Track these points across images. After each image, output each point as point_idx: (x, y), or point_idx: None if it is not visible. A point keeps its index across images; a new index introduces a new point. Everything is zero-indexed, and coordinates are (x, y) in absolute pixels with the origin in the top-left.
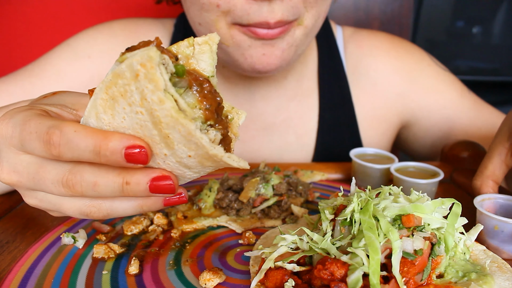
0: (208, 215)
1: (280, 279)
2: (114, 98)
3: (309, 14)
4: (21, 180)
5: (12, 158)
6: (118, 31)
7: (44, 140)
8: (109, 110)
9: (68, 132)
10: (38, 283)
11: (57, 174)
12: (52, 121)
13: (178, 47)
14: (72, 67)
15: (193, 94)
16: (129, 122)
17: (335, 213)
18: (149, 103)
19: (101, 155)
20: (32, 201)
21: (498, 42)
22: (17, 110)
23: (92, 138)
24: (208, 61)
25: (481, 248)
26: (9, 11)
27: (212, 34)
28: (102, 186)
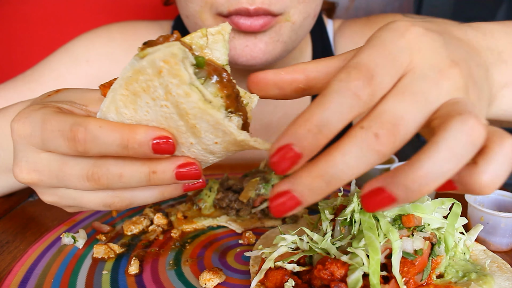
0: (208, 215)
1: (280, 279)
2: (136, 93)
3: (297, 10)
4: (42, 179)
5: (31, 157)
6: (116, 34)
7: (68, 137)
8: (130, 105)
9: (93, 128)
10: (38, 283)
11: (81, 169)
12: (73, 118)
13: (191, 38)
14: (71, 72)
15: (213, 84)
16: (153, 115)
17: (335, 213)
18: (175, 97)
19: (129, 148)
20: (51, 198)
21: None
22: (32, 109)
23: (118, 132)
24: (222, 50)
25: (481, 248)
26: (9, 11)
27: (224, 24)
28: (128, 176)
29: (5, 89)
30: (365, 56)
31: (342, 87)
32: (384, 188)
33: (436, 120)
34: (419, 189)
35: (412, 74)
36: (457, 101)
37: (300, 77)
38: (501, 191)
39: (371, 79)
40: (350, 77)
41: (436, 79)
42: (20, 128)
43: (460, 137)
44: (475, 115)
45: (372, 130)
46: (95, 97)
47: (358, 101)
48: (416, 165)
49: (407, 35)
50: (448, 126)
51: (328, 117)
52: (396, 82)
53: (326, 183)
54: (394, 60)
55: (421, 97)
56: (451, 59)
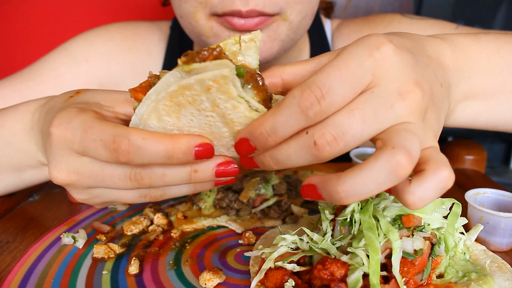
0: (208, 215)
1: (280, 279)
2: (181, 104)
3: (294, 10)
4: (81, 180)
5: (72, 161)
6: (115, 34)
7: (111, 148)
8: (174, 114)
9: (136, 140)
10: (38, 283)
11: (124, 171)
12: (115, 128)
13: (225, 45)
14: (70, 71)
15: (251, 89)
16: (197, 122)
17: (335, 213)
18: (222, 110)
19: (174, 158)
20: (85, 196)
21: None
22: (70, 114)
23: (163, 144)
24: (254, 55)
25: (481, 248)
26: (9, 11)
27: (256, 31)
28: (171, 176)
29: (2, 87)
30: (324, 76)
31: (293, 103)
32: (316, 187)
33: (378, 141)
34: (339, 198)
35: (370, 93)
36: (403, 128)
37: (278, 81)
38: (501, 191)
39: (321, 100)
40: (302, 96)
41: (392, 101)
42: (61, 132)
43: (384, 168)
44: (406, 151)
45: (313, 137)
46: (120, 98)
47: (305, 117)
48: (342, 180)
49: (376, 54)
50: (378, 156)
51: (277, 126)
52: (354, 98)
53: (273, 163)
54: (353, 81)
55: (370, 117)
56: (416, 81)
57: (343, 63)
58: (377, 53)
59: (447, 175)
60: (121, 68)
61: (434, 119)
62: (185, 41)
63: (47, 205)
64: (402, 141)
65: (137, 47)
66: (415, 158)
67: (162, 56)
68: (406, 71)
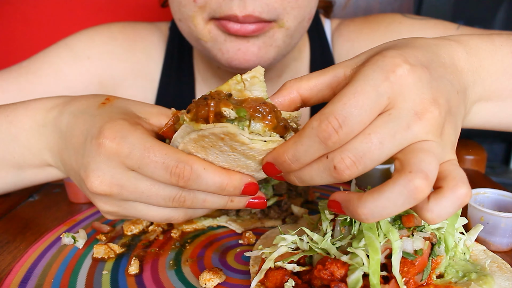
0: (208, 215)
1: (280, 279)
2: (204, 147)
3: (290, 16)
4: (121, 193)
5: (118, 174)
6: (117, 34)
7: (172, 172)
8: (202, 152)
9: (198, 169)
10: (38, 283)
11: (170, 191)
12: (177, 154)
13: (229, 86)
14: (71, 67)
15: (258, 122)
16: (223, 159)
17: (335, 213)
18: (240, 151)
19: (225, 190)
20: (112, 208)
21: None
22: (124, 128)
23: (220, 177)
24: (260, 89)
25: (481, 248)
26: (9, 11)
27: (256, 68)
28: (210, 202)
29: (1, 78)
30: (340, 105)
31: (312, 134)
32: (340, 204)
33: (397, 161)
34: (360, 218)
35: (387, 116)
36: (420, 148)
37: (296, 97)
38: (501, 191)
39: (339, 129)
40: (320, 127)
41: (408, 122)
42: (116, 147)
43: (402, 193)
44: (423, 174)
45: (333, 162)
46: (154, 111)
47: (325, 146)
48: (362, 203)
49: (392, 78)
50: (397, 181)
51: (298, 155)
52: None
53: (299, 182)
54: (370, 107)
55: (388, 139)
56: (432, 99)
57: (359, 89)
58: (393, 76)
59: (464, 193)
60: (122, 68)
61: (452, 130)
62: (184, 43)
63: (47, 205)
64: (419, 163)
65: (138, 48)
66: (432, 180)
67: (162, 58)
68: (422, 89)
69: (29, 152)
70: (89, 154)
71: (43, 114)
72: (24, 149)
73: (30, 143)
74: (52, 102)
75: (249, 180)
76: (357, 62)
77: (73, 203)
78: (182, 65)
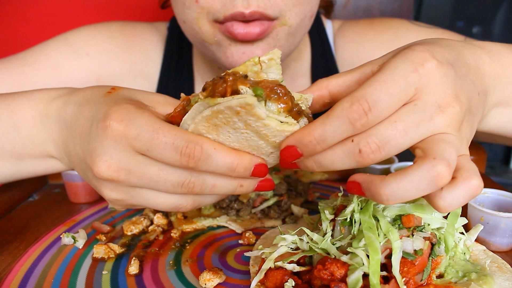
0: (208, 215)
1: (280, 279)
2: (217, 125)
3: (292, 13)
4: (129, 178)
5: (126, 158)
6: (116, 33)
7: (183, 152)
8: (213, 132)
9: (208, 149)
10: (38, 283)
11: (180, 176)
12: (187, 134)
13: (245, 67)
14: (70, 63)
15: (273, 102)
16: (235, 138)
17: (335, 213)
18: (254, 127)
19: (236, 171)
20: (119, 196)
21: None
22: (131, 111)
23: (230, 157)
24: (276, 71)
25: (481, 248)
26: (9, 11)
27: (274, 50)
28: (220, 188)
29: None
30: (371, 90)
31: (343, 115)
32: (360, 185)
33: (418, 149)
34: (380, 200)
35: (413, 106)
36: (441, 139)
37: (325, 93)
38: (501, 191)
39: (368, 112)
40: (351, 108)
41: (432, 114)
42: (123, 129)
43: (425, 177)
44: (446, 162)
45: (359, 146)
46: (160, 100)
47: (353, 128)
48: (385, 184)
49: (420, 70)
50: (421, 165)
51: (326, 134)
52: (397, 110)
53: (317, 166)
54: (398, 95)
55: (412, 128)
56: (455, 95)
57: (390, 77)
58: (422, 69)
59: (476, 184)
60: (121, 67)
61: (468, 128)
62: (184, 43)
63: (47, 205)
64: (442, 152)
65: (137, 47)
66: (453, 168)
67: (161, 58)
68: (446, 85)
69: (30, 143)
70: (96, 138)
71: (46, 104)
72: (26, 139)
73: (32, 133)
74: (56, 92)
75: (259, 161)
76: (383, 60)
77: (73, 203)
78: (182, 66)
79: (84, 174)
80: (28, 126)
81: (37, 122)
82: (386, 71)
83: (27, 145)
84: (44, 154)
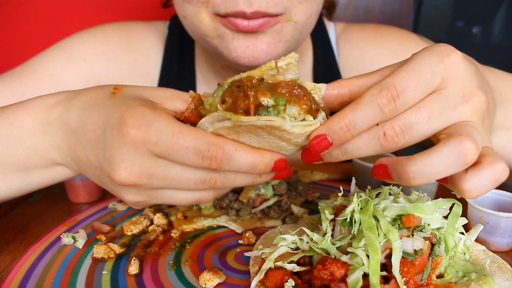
0: (208, 215)
1: (280, 279)
2: (238, 132)
3: (298, 10)
4: (151, 181)
5: (147, 162)
6: (111, 35)
7: (205, 156)
8: (233, 135)
9: (230, 151)
10: (38, 283)
11: (202, 174)
12: (208, 137)
13: (261, 72)
14: (67, 69)
15: (294, 105)
16: (256, 140)
17: (335, 213)
18: (278, 135)
19: (257, 169)
20: (141, 198)
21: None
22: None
23: (252, 157)
24: (293, 72)
25: (481, 248)
26: (9, 11)
27: (291, 54)
28: (240, 180)
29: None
30: (399, 78)
31: (372, 101)
32: (387, 167)
33: (442, 135)
34: (407, 178)
35: (438, 94)
36: (466, 124)
37: (345, 91)
38: (501, 191)
39: (396, 98)
40: (380, 94)
41: (456, 103)
42: (142, 136)
43: (452, 153)
44: (473, 139)
45: (383, 129)
46: (167, 95)
47: (382, 113)
48: (412, 161)
49: (446, 61)
50: (447, 142)
51: (356, 120)
52: (423, 98)
53: (342, 153)
54: (425, 84)
55: (436, 115)
56: (479, 87)
57: (417, 67)
58: (447, 60)
59: (503, 168)
60: (119, 68)
61: (488, 126)
62: (185, 41)
63: (47, 205)
64: (468, 131)
65: (134, 47)
66: (479, 148)
67: (160, 57)
68: (470, 76)
69: (34, 153)
70: (112, 146)
71: (46, 111)
72: (29, 150)
73: (35, 143)
74: (55, 98)
75: (279, 156)
76: (402, 62)
77: (73, 203)
78: (183, 66)
79: (99, 180)
80: (30, 136)
81: (38, 131)
82: (413, 62)
83: (32, 155)
84: (50, 163)
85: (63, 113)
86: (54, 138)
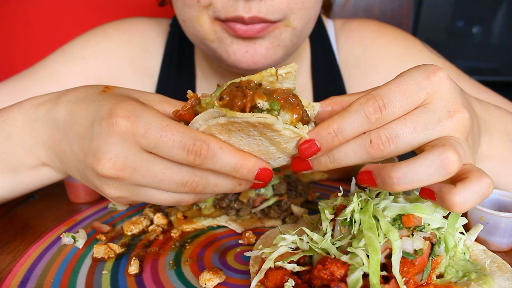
0: (208, 215)
1: (280, 279)
2: (231, 130)
3: (297, 16)
4: (134, 176)
5: (132, 155)
6: (110, 31)
7: (190, 150)
8: (225, 134)
9: (214, 148)
10: (38, 283)
11: (184, 176)
12: (194, 132)
13: (261, 77)
14: (66, 69)
15: (287, 112)
16: (246, 142)
17: (335, 213)
18: (269, 136)
19: (239, 171)
20: (121, 193)
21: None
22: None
23: (235, 157)
24: (291, 81)
25: (481, 248)
26: (9, 11)
27: (292, 64)
28: (221, 187)
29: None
30: (386, 89)
31: (360, 109)
32: (372, 173)
33: (427, 146)
34: (391, 183)
35: (424, 108)
36: (450, 137)
37: (338, 108)
38: (501, 191)
39: (383, 108)
40: (367, 103)
41: (441, 117)
42: (131, 126)
43: (435, 160)
44: (455, 150)
45: (370, 137)
46: (156, 99)
47: (368, 122)
48: (397, 167)
49: (432, 77)
50: (431, 151)
51: (343, 126)
52: (409, 111)
53: (330, 161)
54: (411, 97)
55: (420, 127)
56: (463, 104)
57: (403, 81)
58: (434, 77)
59: (489, 182)
60: (119, 64)
61: (472, 145)
62: (185, 41)
63: (47, 205)
64: (451, 143)
65: (135, 43)
66: (462, 160)
67: (161, 53)
68: (455, 94)
69: (22, 150)
70: (99, 136)
71: (35, 108)
72: (17, 147)
73: (23, 140)
74: (46, 96)
75: (264, 165)
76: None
77: (73, 203)
78: (183, 61)
79: (81, 175)
80: (19, 133)
81: (27, 127)
82: (401, 77)
83: (20, 153)
84: (37, 162)
85: (51, 108)
86: (40, 134)
